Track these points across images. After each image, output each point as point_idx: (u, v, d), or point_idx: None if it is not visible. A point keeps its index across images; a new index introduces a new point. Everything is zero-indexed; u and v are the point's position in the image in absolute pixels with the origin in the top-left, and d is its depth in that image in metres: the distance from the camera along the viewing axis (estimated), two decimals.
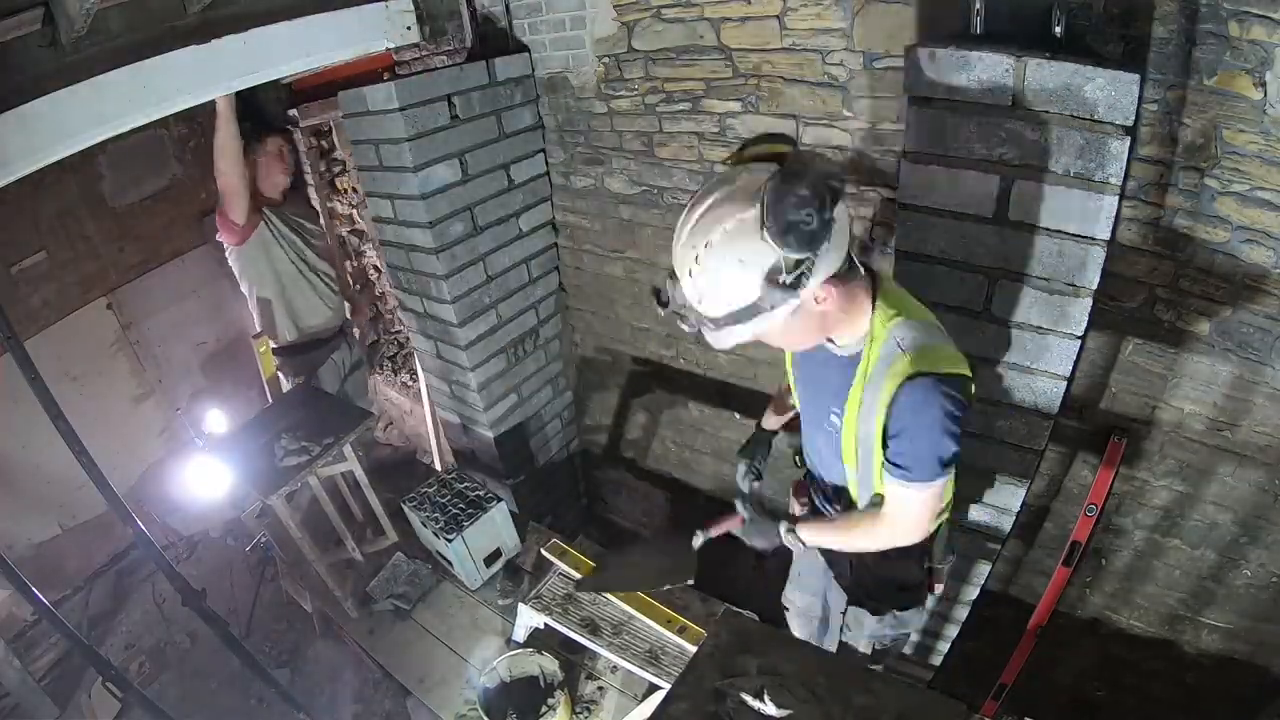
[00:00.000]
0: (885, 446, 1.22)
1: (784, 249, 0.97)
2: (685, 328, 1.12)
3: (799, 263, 1.00)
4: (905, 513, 1.27)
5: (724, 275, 1.03)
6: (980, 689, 2.26)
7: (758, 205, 0.97)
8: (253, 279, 2.84)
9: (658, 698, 1.65)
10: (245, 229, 2.71)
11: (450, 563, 2.56)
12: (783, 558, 1.72)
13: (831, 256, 1.04)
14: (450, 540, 2.42)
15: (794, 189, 0.95)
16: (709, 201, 1.04)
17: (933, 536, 1.41)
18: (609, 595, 2.16)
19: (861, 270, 1.17)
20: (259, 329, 3.05)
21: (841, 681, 1.42)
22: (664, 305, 1.13)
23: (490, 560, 2.60)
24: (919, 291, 1.30)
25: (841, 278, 1.09)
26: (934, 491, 1.23)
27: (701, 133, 2.26)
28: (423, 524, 2.53)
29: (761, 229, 0.97)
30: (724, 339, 1.09)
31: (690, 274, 1.06)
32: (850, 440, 1.29)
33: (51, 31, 1.61)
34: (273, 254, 2.80)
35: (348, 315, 3.21)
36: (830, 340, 1.25)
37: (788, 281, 1.00)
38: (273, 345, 3.04)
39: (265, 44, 1.98)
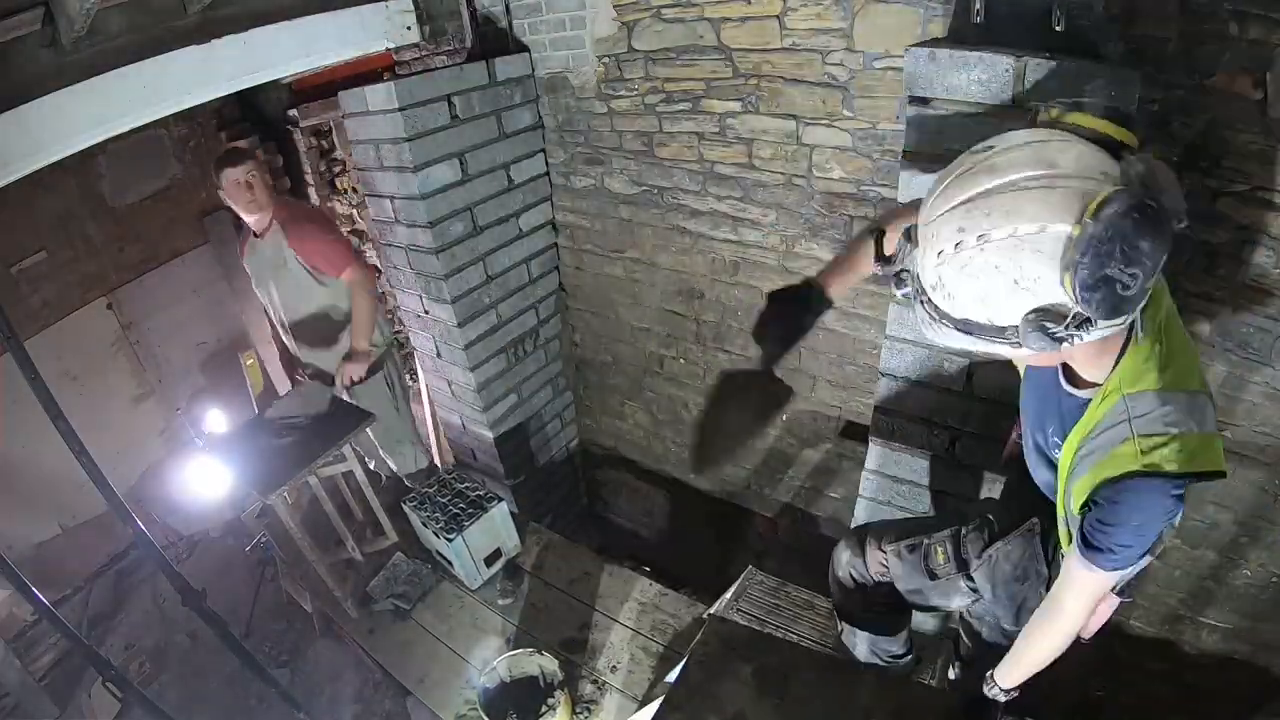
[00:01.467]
0: (1085, 509, 0.99)
1: (1080, 304, 0.73)
2: (898, 292, 0.89)
3: (1083, 322, 0.75)
4: (1077, 596, 1.06)
5: (984, 285, 0.78)
6: None
7: (1075, 228, 0.71)
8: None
9: (656, 704, 1.64)
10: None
11: (450, 562, 2.57)
12: None
13: (1117, 325, 0.79)
14: (450, 540, 2.43)
15: (1139, 234, 0.71)
16: (1011, 176, 0.76)
17: None
18: None
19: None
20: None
21: (839, 678, 1.42)
22: (883, 261, 0.89)
23: (490, 560, 2.60)
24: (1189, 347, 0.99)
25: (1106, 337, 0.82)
26: (1114, 579, 1.02)
27: (701, 133, 2.26)
28: (423, 524, 2.53)
29: (1065, 269, 0.72)
30: (940, 337, 0.86)
31: (940, 255, 0.80)
32: (1065, 472, 1.05)
33: (51, 31, 1.61)
34: None
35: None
36: (1062, 370, 1.02)
37: (1056, 334, 0.76)
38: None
39: (265, 44, 1.98)
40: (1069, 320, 0.76)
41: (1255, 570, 1.82)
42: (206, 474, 3.24)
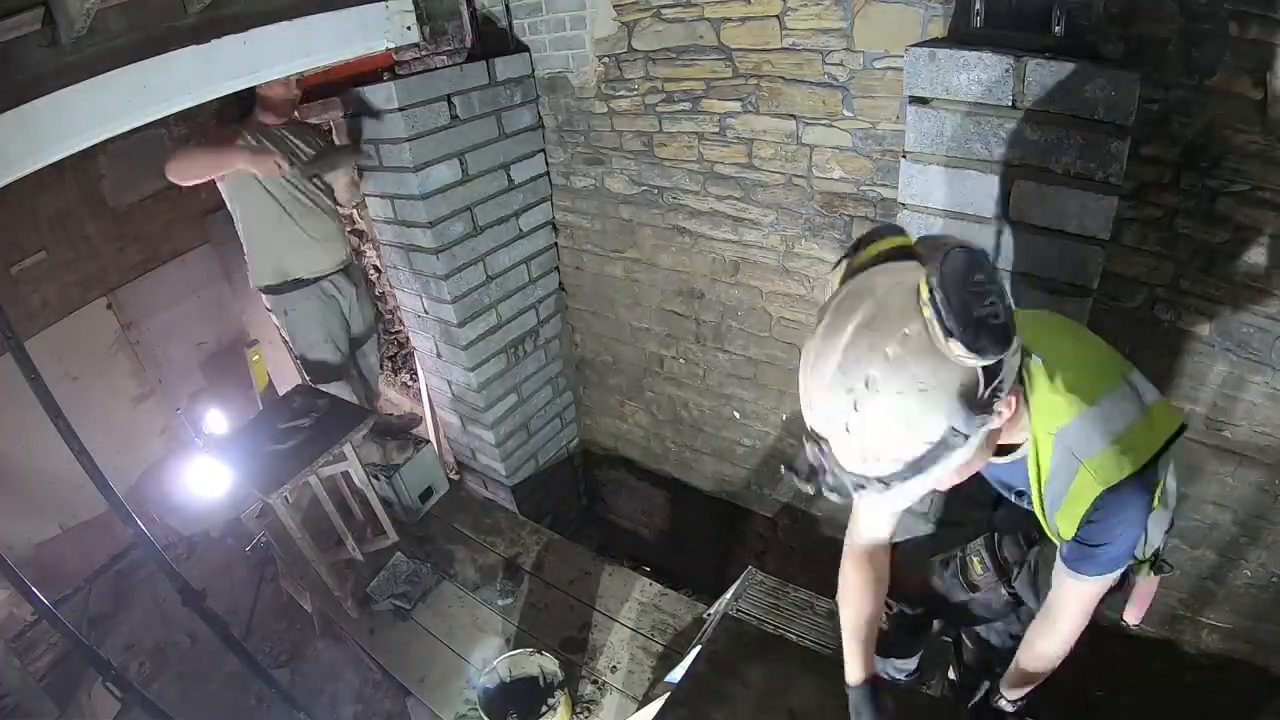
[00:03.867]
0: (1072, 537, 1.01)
1: (977, 355, 0.73)
2: (835, 499, 0.85)
3: (994, 370, 0.77)
4: (1073, 606, 1.09)
5: (900, 416, 0.77)
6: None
7: (926, 311, 0.74)
8: (244, 206, 2.54)
9: (659, 702, 1.64)
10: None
11: (393, 503, 2.90)
12: None
13: (1015, 355, 0.81)
14: (390, 477, 2.81)
15: (969, 276, 0.74)
16: (851, 326, 0.77)
17: None
18: None
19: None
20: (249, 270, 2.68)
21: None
22: (808, 479, 0.85)
23: (424, 497, 2.97)
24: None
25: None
26: (1109, 581, 1.05)
27: (701, 133, 2.26)
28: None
29: (945, 338, 0.73)
30: (897, 499, 0.83)
31: (848, 429, 0.79)
32: (1044, 519, 1.07)
33: (51, 31, 1.61)
34: (268, 182, 2.46)
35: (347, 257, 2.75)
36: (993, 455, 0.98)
37: (984, 397, 0.77)
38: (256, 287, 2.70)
39: (265, 44, 1.98)
40: (981, 384, 0.77)
41: (1255, 570, 1.82)
42: (206, 474, 3.23)
